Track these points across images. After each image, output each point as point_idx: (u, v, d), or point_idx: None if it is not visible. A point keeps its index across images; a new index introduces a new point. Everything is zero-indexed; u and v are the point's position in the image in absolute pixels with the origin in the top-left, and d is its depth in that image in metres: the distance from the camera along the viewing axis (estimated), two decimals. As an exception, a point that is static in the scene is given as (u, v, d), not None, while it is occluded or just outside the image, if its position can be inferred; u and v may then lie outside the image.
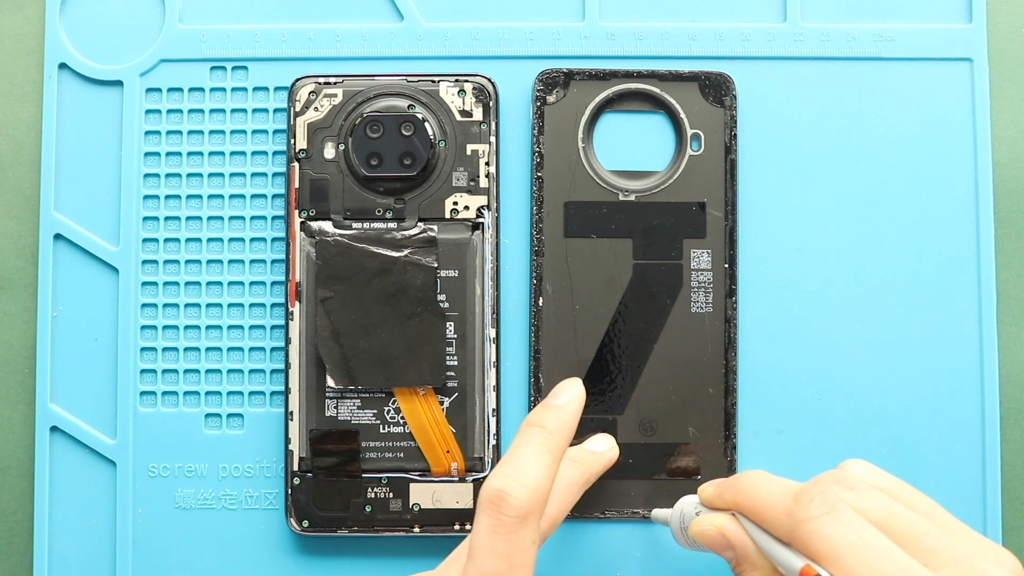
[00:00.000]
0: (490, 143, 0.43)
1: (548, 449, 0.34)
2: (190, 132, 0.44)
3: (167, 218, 0.44)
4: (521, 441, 0.34)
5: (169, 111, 0.44)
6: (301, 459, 0.42)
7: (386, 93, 0.43)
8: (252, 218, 0.44)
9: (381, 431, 0.42)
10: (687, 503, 0.38)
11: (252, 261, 0.44)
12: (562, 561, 0.43)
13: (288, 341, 0.42)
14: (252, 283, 0.44)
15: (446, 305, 0.42)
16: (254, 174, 0.44)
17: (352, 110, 0.43)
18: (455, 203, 0.43)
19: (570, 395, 0.37)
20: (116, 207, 0.44)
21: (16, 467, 0.44)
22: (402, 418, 0.42)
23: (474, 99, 0.43)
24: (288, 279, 0.42)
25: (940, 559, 0.30)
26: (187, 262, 0.44)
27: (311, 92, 0.43)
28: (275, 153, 0.44)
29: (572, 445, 0.41)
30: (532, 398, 0.43)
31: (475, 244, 0.43)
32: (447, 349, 0.42)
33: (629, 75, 0.43)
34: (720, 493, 0.36)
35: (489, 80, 0.43)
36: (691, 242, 0.43)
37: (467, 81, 0.43)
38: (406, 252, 0.42)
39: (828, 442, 0.43)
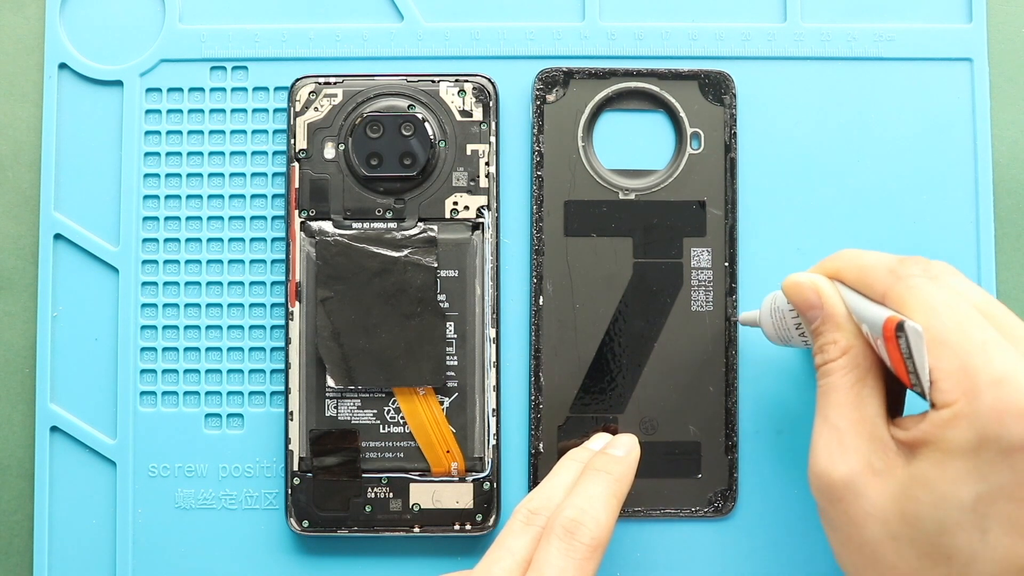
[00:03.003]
0: (490, 143, 0.43)
1: (614, 494, 0.36)
2: (190, 132, 0.44)
3: (167, 218, 0.44)
4: (590, 481, 0.37)
5: (169, 111, 0.44)
6: (301, 459, 0.42)
7: (386, 93, 0.43)
8: (252, 218, 0.44)
9: (381, 431, 0.42)
10: (779, 293, 0.38)
11: (252, 261, 0.44)
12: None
13: (288, 341, 0.42)
14: (252, 283, 0.44)
15: (446, 305, 0.42)
16: (254, 174, 0.44)
17: (352, 110, 0.43)
18: (455, 203, 0.43)
19: (628, 448, 0.39)
20: (116, 207, 0.44)
21: (16, 467, 0.44)
22: (402, 418, 0.42)
23: (474, 99, 0.43)
24: (288, 279, 0.42)
25: None
26: (187, 262, 0.44)
27: (311, 92, 0.43)
28: (275, 153, 0.44)
29: (578, 446, 0.41)
30: (532, 398, 0.43)
31: (475, 244, 0.43)
32: (447, 349, 0.42)
33: (628, 74, 0.43)
34: (821, 263, 0.36)
35: (489, 80, 0.43)
36: (691, 240, 0.43)
37: (467, 81, 0.43)
38: (406, 252, 0.42)
39: (829, 442, 0.43)
